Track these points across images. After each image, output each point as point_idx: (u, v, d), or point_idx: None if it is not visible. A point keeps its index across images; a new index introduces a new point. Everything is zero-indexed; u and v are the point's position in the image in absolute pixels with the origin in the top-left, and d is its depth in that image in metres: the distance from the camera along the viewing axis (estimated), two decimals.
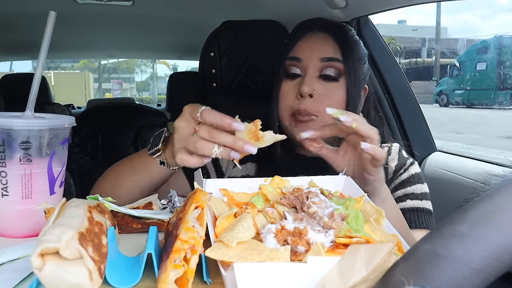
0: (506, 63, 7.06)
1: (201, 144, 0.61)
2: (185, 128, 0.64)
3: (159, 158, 0.72)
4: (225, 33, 1.21)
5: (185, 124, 0.64)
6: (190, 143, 0.62)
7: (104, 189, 0.79)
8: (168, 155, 0.71)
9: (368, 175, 0.64)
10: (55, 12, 0.61)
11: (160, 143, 0.71)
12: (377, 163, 0.63)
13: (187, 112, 0.65)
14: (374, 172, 0.64)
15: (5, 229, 0.60)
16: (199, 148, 0.61)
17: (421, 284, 0.29)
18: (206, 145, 0.61)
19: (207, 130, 0.61)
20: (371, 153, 0.61)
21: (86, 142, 2.00)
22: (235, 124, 0.60)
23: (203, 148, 0.61)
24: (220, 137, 0.60)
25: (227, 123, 0.60)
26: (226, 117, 0.61)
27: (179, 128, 0.64)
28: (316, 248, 0.41)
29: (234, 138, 0.60)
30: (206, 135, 0.61)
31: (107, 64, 20.62)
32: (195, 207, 0.45)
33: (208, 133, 0.61)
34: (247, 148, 0.59)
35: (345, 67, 0.82)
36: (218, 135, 0.61)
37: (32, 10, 1.65)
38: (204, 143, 0.61)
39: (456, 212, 0.32)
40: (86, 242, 0.39)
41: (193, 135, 0.62)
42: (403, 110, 1.43)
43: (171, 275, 0.38)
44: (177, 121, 0.65)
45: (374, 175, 0.64)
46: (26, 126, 0.56)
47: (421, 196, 0.87)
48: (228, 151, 0.60)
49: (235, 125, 0.60)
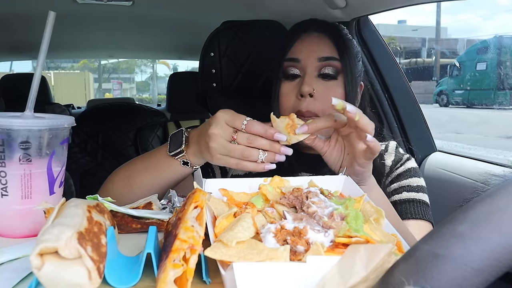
0: (506, 63, 7.05)
1: (248, 152, 0.65)
2: (222, 136, 0.66)
3: (182, 158, 0.73)
4: (225, 33, 1.21)
5: (222, 132, 0.66)
6: (236, 152, 0.65)
7: (115, 191, 0.79)
8: (190, 155, 0.73)
9: (359, 167, 0.66)
10: (54, 12, 0.61)
11: (183, 144, 0.73)
12: (371, 156, 0.64)
13: (222, 120, 0.66)
14: (366, 164, 0.65)
15: (4, 229, 0.60)
16: (246, 156, 0.65)
17: (421, 284, 0.29)
18: (252, 153, 0.65)
19: (246, 137, 0.65)
20: (372, 146, 0.62)
21: (86, 142, 2.00)
22: (277, 135, 0.65)
23: (250, 156, 0.65)
24: (258, 142, 0.65)
25: (270, 134, 0.65)
26: (270, 128, 0.65)
27: (215, 136, 0.66)
28: (315, 248, 0.41)
29: (270, 142, 0.65)
30: (245, 142, 0.65)
31: (107, 64, 20.62)
32: (194, 207, 0.45)
33: (247, 140, 0.65)
34: (283, 149, 0.65)
35: (342, 65, 0.84)
36: (256, 141, 0.65)
37: (32, 10, 1.65)
38: (251, 151, 0.65)
39: (456, 212, 0.32)
40: (85, 241, 0.39)
41: (231, 142, 0.66)
42: (403, 110, 1.43)
43: (170, 274, 0.38)
44: (213, 128, 0.66)
45: (365, 167, 0.66)
46: (26, 126, 0.56)
47: (417, 189, 0.88)
48: (273, 156, 0.65)
49: (277, 136, 0.65)
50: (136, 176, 0.78)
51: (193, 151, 0.72)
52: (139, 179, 0.78)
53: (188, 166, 0.74)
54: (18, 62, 6.73)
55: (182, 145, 0.72)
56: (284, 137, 0.65)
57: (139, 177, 0.78)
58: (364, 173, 0.67)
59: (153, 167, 0.77)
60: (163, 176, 0.76)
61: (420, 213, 0.85)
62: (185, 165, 0.74)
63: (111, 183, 0.81)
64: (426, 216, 0.85)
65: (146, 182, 0.77)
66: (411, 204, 0.86)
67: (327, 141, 0.70)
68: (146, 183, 0.77)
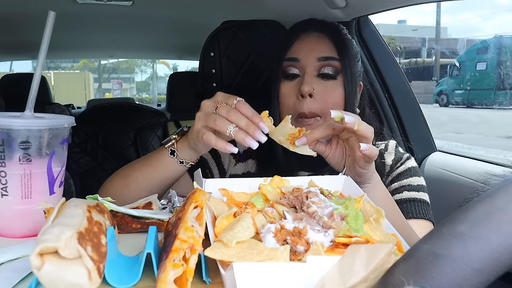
0: (506, 63, 7.05)
1: (220, 120, 0.64)
2: (209, 106, 0.67)
3: (171, 147, 0.75)
4: (225, 33, 1.21)
5: (211, 103, 0.67)
6: (211, 120, 0.65)
7: (114, 190, 0.80)
8: (180, 146, 0.74)
9: (360, 168, 0.66)
10: (54, 12, 0.61)
11: (175, 133, 0.75)
12: (370, 160, 0.64)
13: (219, 97, 0.68)
14: (366, 166, 0.66)
15: (4, 229, 0.60)
16: (217, 124, 0.64)
17: (421, 284, 0.29)
18: (223, 122, 0.64)
19: (226, 108, 0.64)
20: (367, 153, 0.62)
21: (86, 142, 2.00)
22: (262, 124, 0.64)
23: (221, 124, 0.64)
24: (235, 116, 0.64)
25: (256, 121, 0.64)
26: (257, 115, 0.65)
27: (204, 106, 0.68)
28: (315, 248, 0.41)
29: (248, 121, 0.63)
30: (224, 112, 0.64)
31: (107, 64, 20.61)
32: (194, 207, 0.45)
33: (226, 111, 0.64)
34: (258, 134, 0.62)
35: (342, 65, 0.84)
36: (235, 115, 0.64)
37: (32, 10, 1.65)
38: (222, 120, 0.64)
39: (456, 212, 0.32)
40: (85, 241, 0.39)
41: (214, 112, 0.66)
42: (403, 110, 1.43)
43: (170, 274, 0.38)
44: (205, 100, 0.68)
45: (366, 169, 0.66)
46: (26, 126, 0.56)
47: (418, 188, 0.88)
48: (243, 135, 0.63)
49: (262, 125, 0.63)
50: (133, 174, 0.79)
51: (181, 141, 0.74)
52: (135, 177, 0.79)
53: (174, 156, 0.74)
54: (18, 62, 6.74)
55: (174, 134, 0.75)
56: (267, 129, 0.64)
57: (135, 175, 0.79)
58: (367, 173, 0.67)
59: (147, 164, 0.78)
60: (155, 173, 0.77)
61: (421, 212, 0.85)
62: (172, 155, 0.74)
63: (111, 182, 0.82)
64: (426, 215, 0.85)
65: (141, 180, 0.78)
66: (412, 204, 0.86)
67: (328, 144, 0.70)
68: (141, 181, 0.78)
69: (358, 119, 0.63)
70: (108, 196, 0.59)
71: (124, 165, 0.84)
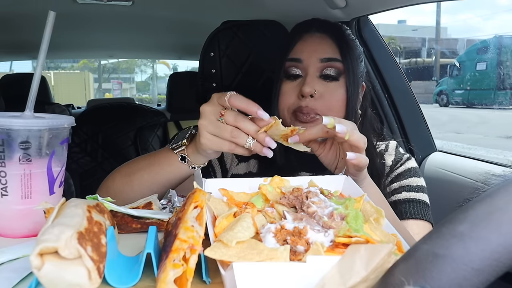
0: (506, 63, 7.05)
1: (237, 133, 0.64)
2: (211, 112, 0.66)
3: (181, 153, 0.74)
4: (225, 33, 1.21)
5: (212, 108, 0.66)
6: (226, 132, 0.64)
7: (115, 187, 0.79)
8: (190, 151, 0.73)
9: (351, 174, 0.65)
10: (54, 12, 0.61)
11: (185, 138, 0.74)
12: (360, 169, 0.63)
13: (215, 98, 0.67)
14: (357, 174, 0.65)
15: (4, 229, 0.60)
16: (235, 136, 0.64)
17: (421, 284, 0.29)
18: (241, 135, 0.64)
19: (233, 115, 0.64)
20: (355, 163, 0.61)
21: (86, 142, 2.00)
22: (260, 112, 0.63)
23: (239, 137, 0.64)
24: (244, 123, 0.63)
25: (253, 110, 0.63)
26: (253, 103, 0.63)
27: (205, 112, 0.66)
28: (315, 248, 0.41)
29: (257, 128, 0.63)
30: (231, 119, 0.64)
31: (107, 64, 20.61)
32: (194, 207, 0.45)
33: (234, 118, 0.64)
34: (268, 140, 0.63)
35: (345, 67, 0.83)
36: (243, 121, 0.63)
37: (32, 10, 1.65)
38: (239, 133, 0.64)
39: (456, 212, 0.32)
40: (85, 241, 0.39)
41: (219, 119, 0.65)
42: (403, 110, 1.43)
43: (170, 274, 0.38)
44: (204, 106, 0.66)
45: (356, 176, 0.65)
46: (26, 126, 0.56)
47: (417, 189, 0.88)
48: (260, 147, 0.64)
49: (260, 113, 0.62)
50: (137, 173, 0.78)
51: (191, 147, 0.73)
52: (140, 175, 0.78)
53: (185, 162, 0.73)
54: (18, 62, 6.73)
55: (184, 139, 0.73)
56: (267, 116, 0.63)
57: (140, 174, 0.78)
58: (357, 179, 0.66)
59: (154, 163, 0.77)
60: (163, 173, 0.76)
61: (420, 213, 0.85)
62: (182, 161, 0.74)
63: (112, 179, 0.81)
64: (426, 216, 0.85)
65: (147, 179, 0.77)
66: (411, 204, 0.86)
67: (322, 143, 0.70)
68: (146, 179, 0.77)
69: (353, 127, 0.62)
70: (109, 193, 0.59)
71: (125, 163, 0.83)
